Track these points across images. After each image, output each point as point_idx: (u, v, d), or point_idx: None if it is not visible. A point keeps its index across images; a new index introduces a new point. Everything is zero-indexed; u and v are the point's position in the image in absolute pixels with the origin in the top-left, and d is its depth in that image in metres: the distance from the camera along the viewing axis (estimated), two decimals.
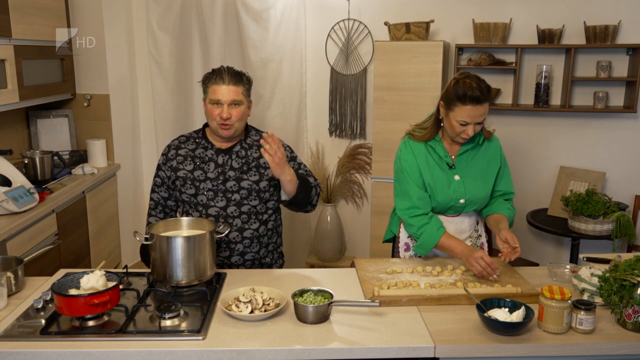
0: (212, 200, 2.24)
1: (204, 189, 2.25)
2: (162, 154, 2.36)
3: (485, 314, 1.70)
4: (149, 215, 2.38)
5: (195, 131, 2.39)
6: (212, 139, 2.32)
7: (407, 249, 2.41)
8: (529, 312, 1.70)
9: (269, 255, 2.36)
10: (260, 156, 2.27)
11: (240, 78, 2.23)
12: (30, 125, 3.75)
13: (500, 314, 1.69)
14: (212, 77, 2.22)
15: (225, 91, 2.19)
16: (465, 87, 2.09)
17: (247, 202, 2.25)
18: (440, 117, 2.23)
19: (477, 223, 2.41)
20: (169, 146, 2.36)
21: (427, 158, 2.28)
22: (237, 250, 2.26)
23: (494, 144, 2.34)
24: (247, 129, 2.37)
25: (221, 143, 2.30)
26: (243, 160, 2.27)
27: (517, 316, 1.68)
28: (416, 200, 2.23)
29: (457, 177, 2.27)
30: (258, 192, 2.26)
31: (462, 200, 2.27)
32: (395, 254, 2.46)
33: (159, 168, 2.35)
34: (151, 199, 2.38)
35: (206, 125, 2.37)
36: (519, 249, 2.08)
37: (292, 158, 2.34)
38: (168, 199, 2.36)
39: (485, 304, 1.75)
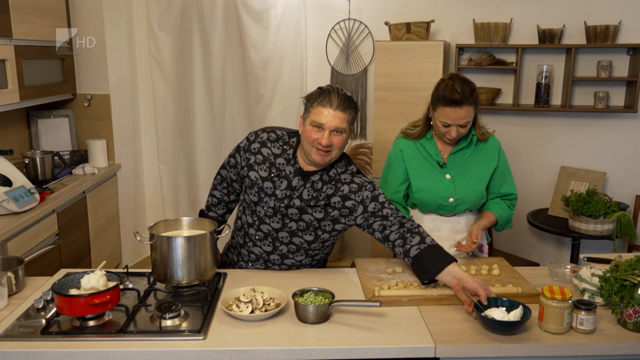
0: (268, 218, 2.08)
1: (267, 203, 2.07)
2: (248, 139, 2.15)
3: (483, 314, 1.70)
4: (214, 188, 2.29)
5: (289, 134, 2.13)
6: (299, 155, 2.08)
7: None
8: (526, 311, 1.69)
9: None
10: (333, 194, 2.03)
11: (349, 104, 1.97)
12: (31, 125, 3.75)
13: (498, 314, 1.69)
14: (320, 97, 1.96)
15: (331, 116, 1.93)
16: (447, 89, 2.12)
17: (302, 235, 2.08)
18: (430, 116, 2.25)
19: None
20: (256, 134, 2.14)
21: (417, 156, 2.30)
22: (272, 269, 2.18)
23: (491, 144, 2.32)
24: None
25: (305, 165, 2.06)
26: (315, 194, 2.03)
27: (515, 315, 1.68)
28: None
29: (448, 176, 2.27)
30: (316, 229, 2.07)
31: (451, 200, 2.26)
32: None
33: (238, 150, 2.18)
34: (219, 173, 2.27)
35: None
36: (474, 245, 2.17)
37: (371, 198, 2.01)
38: (235, 182, 2.24)
39: (482, 303, 1.75)
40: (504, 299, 1.77)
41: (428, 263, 1.87)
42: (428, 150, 2.29)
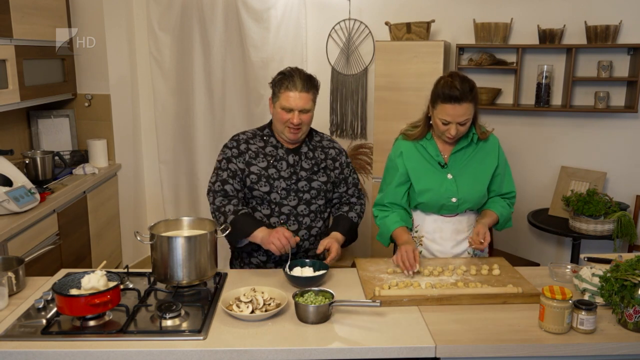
0: (285, 199, 2.25)
1: (278, 187, 2.25)
2: (231, 147, 2.28)
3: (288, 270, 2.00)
4: (227, 204, 2.21)
5: (259, 129, 2.37)
6: (279, 138, 2.31)
7: None
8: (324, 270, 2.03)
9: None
10: (326, 158, 2.34)
11: (311, 84, 2.21)
12: (31, 125, 3.75)
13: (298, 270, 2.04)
14: (285, 82, 2.19)
15: (298, 99, 2.17)
16: (446, 85, 2.13)
17: (315, 201, 2.29)
18: (429, 115, 2.25)
19: None
20: (237, 140, 2.30)
21: (418, 157, 2.30)
22: (303, 247, 2.30)
23: (491, 143, 2.32)
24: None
25: (288, 143, 2.30)
26: (312, 162, 2.30)
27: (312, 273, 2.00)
28: (386, 202, 2.33)
29: (449, 176, 2.27)
30: (325, 192, 2.31)
31: (454, 199, 2.26)
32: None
33: (229, 161, 2.26)
34: (223, 189, 2.23)
35: (271, 122, 2.35)
36: (484, 245, 2.15)
37: (347, 164, 2.39)
38: (240, 191, 2.27)
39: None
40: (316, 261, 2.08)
41: (333, 227, 2.31)
42: (429, 150, 2.29)
